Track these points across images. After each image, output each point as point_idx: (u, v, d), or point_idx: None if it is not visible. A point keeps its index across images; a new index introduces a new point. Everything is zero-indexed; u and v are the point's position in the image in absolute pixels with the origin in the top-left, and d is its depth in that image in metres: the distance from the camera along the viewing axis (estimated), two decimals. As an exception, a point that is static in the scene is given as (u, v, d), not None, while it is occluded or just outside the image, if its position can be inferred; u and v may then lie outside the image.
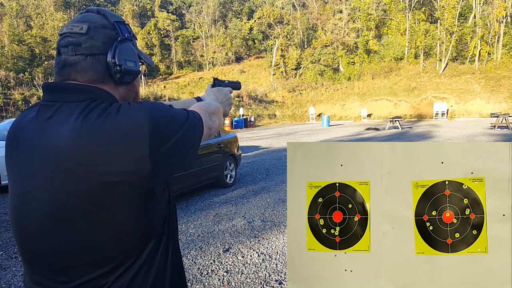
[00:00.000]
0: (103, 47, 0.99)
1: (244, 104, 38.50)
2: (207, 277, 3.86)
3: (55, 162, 0.91)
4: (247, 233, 5.19)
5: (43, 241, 0.97)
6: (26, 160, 0.97)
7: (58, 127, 0.93)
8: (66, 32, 0.99)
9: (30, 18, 49.83)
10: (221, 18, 65.73)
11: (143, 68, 49.90)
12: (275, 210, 6.23)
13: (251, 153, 14.05)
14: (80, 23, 0.99)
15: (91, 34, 0.98)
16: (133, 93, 1.11)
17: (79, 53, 0.97)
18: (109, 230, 0.94)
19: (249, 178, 9.07)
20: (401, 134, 20.93)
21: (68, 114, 0.93)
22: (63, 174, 0.91)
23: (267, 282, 3.72)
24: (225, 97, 1.48)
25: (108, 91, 1.01)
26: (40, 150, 0.94)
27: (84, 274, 0.96)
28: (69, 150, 0.90)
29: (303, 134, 22.28)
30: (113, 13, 1.07)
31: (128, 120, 0.93)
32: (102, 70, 0.99)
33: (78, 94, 0.97)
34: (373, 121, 35.81)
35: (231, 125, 29.67)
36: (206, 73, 55.75)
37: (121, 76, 1.01)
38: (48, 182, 0.93)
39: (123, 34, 1.03)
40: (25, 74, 28.34)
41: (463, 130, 20.92)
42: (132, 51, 1.05)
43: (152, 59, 1.23)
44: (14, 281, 3.85)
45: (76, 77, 0.98)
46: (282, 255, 4.36)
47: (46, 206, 0.94)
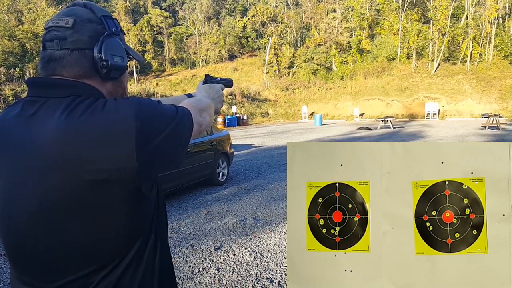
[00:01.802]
0: (89, 42, 0.96)
1: (237, 102, 38.48)
2: (198, 275, 3.85)
3: (40, 159, 0.89)
4: (239, 231, 5.18)
5: (29, 239, 0.94)
6: (11, 157, 0.94)
7: (43, 124, 0.90)
8: (52, 26, 0.96)
9: (21, 13, 49.28)
10: (215, 16, 65.57)
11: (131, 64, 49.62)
12: (267, 208, 6.22)
13: (243, 151, 14.03)
14: (66, 16, 0.96)
15: (77, 28, 0.95)
16: (120, 89, 1.09)
17: (65, 47, 0.94)
18: (96, 228, 0.92)
19: (241, 176, 9.06)
20: (393, 133, 21.04)
21: (52, 110, 0.91)
22: (49, 171, 0.88)
23: (258, 280, 3.71)
24: (217, 93, 1.45)
25: (94, 86, 0.99)
26: (25, 147, 0.91)
27: (69, 273, 0.94)
28: (54, 147, 0.87)
29: (295, 133, 22.30)
30: (100, 7, 1.04)
31: (114, 117, 0.90)
32: (88, 65, 0.96)
33: (63, 89, 0.94)
34: (365, 120, 35.97)
35: (224, 123, 29.62)
36: (199, 71, 55.59)
37: (107, 71, 0.98)
38: (35, 179, 0.90)
39: (110, 29, 1.00)
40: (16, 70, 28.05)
41: (454, 130, 21.09)
42: (119, 46, 1.02)
43: (141, 55, 1.19)
44: (3, 278, 3.81)
45: (62, 72, 0.95)
46: (274, 254, 4.36)
47: (33, 204, 0.91)
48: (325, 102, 42.83)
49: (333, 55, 48.51)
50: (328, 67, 49.14)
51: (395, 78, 43.04)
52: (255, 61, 55.50)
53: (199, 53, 58.63)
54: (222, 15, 66.26)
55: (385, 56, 46.48)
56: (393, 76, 43.46)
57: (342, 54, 49.18)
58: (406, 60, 45.39)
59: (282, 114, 41.16)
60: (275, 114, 40.87)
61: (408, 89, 40.76)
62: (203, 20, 63.13)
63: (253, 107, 40.38)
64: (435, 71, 42.15)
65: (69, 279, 0.94)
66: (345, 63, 48.99)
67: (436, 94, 38.47)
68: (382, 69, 44.96)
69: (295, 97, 44.70)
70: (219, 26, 62.60)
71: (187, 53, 59.91)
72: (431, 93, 38.96)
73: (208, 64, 57.47)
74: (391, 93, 40.95)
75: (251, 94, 42.33)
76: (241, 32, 61.31)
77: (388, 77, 43.60)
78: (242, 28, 61.06)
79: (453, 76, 40.35)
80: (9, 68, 29.51)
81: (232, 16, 64.97)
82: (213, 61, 57.54)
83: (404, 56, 45.64)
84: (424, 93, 39.23)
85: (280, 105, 43.22)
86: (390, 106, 39.47)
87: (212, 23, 62.96)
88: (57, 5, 50.37)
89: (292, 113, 41.40)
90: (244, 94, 41.14)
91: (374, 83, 43.38)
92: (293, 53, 52.05)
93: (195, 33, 60.89)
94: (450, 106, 36.85)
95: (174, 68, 57.94)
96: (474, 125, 24.67)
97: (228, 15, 65.56)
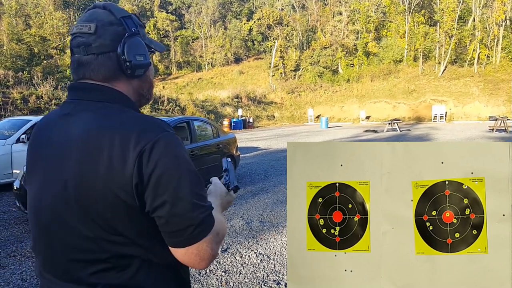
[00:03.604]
0: (112, 45, 1.03)
1: (243, 105, 38.49)
2: (206, 276, 3.86)
3: (67, 152, 0.98)
4: (246, 233, 5.19)
5: (50, 232, 1.01)
6: (44, 152, 1.04)
7: (75, 120, 1.00)
8: (76, 32, 1.03)
9: (29, 17, 49.74)
10: (221, 19, 65.76)
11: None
12: (273, 211, 6.22)
13: (249, 154, 14.04)
14: (88, 22, 1.03)
15: (99, 33, 1.02)
16: (147, 83, 1.15)
17: (91, 52, 1.02)
18: (106, 228, 0.96)
19: (247, 179, 9.07)
20: (400, 136, 20.95)
21: (82, 110, 1.01)
22: (75, 163, 0.96)
23: (265, 282, 3.72)
24: (228, 205, 1.31)
25: (120, 90, 1.06)
26: (57, 142, 1.01)
27: (79, 271, 0.98)
28: (83, 142, 0.96)
29: (301, 136, 22.28)
30: (120, 8, 1.09)
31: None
32: (114, 67, 1.04)
33: (91, 93, 1.04)
34: (372, 123, 35.83)
35: (230, 126, 29.65)
36: (205, 74, 55.76)
37: (132, 71, 1.05)
38: (69, 165, 0.97)
39: (130, 29, 1.06)
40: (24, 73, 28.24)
41: (461, 133, 20.95)
42: (141, 45, 1.07)
43: (163, 45, 1.25)
44: (13, 279, 3.84)
45: (91, 75, 1.04)
46: (280, 256, 4.36)
47: (57, 197, 0.98)
48: (331, 105, 42.72)
49: (339, 58, 48.41)
50: (334, 69, 49.03)
51: (401, 80, 42.84)
52: (261, 64, 55.52)
53: (205, 56, 58.81)
54: (228, 18, 66.45)
55: (392, 58, 46.29)
56: (399, 79, 43.25)
57: (348, 57, 49.05)
58: (412, 63, 45.18)
59: (288, 117, 41.12)
60: (281, 117, 40.83)
61: (415, 91, 40.54)
62: (209, 23, 63.34)
63: (259, 110, 40.38)
64: (442, 74, 41.90)
65: (78, 276, 0.98)
66: (351, 65, 48.85)
67: (443, 97, 38.22)
68: (388, 72, 44.77)
69: (301, 100, 44.63)
70: (225, 29, 62.77)
71: (193, 56, 60.11)
72: (438, 95, 38.71)
73: (214, 67, 57.61)
74: (397, 95, 40.76)
75: (257, 97, 42.33)
76: (247, 35, 61.43)
77: (395, 79, 43.40)
78: (248, 31, 61.16)
79: (460, 79, 40.07)
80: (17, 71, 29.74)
81: (238, 19, 65.13)
82: (219, 64, 57.67)
83: (410, 58, 45.43)
84: (431, 96, 39.00)
85: (286, 108, 43.18)
86: (397, 108, 39.28)
87: (218, 26, 63.15)
88: (64, 9, 50.75)
89: (298, 116, 41.34)
90: (250, 97, 41.15)
91: (381, 85, 43.20)
92: (299, 56, 52.02)
93: (201, 36, 61.10)
94: (457, 108, 36.59)
95: (180, 71, 58.18)
96: (482, 127, 24.48)
97: (234, 18, 65.74)
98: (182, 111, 30.88)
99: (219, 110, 35.69)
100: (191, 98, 35.15)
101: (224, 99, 38.58)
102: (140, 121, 0.99)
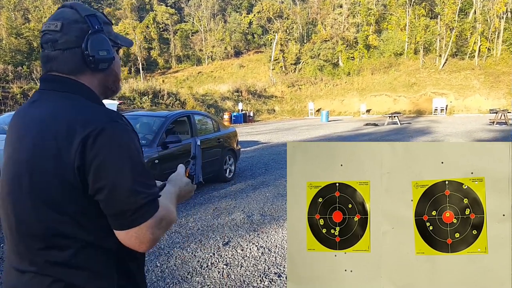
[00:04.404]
0: (76, 41, 1.12)
1: (243, 99, 38.40)
2: (207, 269, 3.90)
3: (26, 134, 1.07)
4: (246, 227, 5.21)
5: (7, 208, 1.09)
6: (10, 137, 1.14)
7: (39, 105, 1.11)
8: (45, 30, 1.14)
9: (28, 11, 49.55)
10: (220, 12, 65.43)
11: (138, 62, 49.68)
12: (274, 204, 6.24)
13: (250, 148, 14.04)
14: (55, 20, 1.13)
15: (65, 30, 1.11)
16: (112, 76, 1.24)
17: (57, 48, 1.12)
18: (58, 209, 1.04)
19: (248, 173, 9.08)
20: (400, 129, 20.92)
21: (47, 98, 1.12)
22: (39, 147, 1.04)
23: (266, 275, 3.75)
24: (188, 195, 1.36)
25: (84, 82, 1.15)
26: (20, 126, 1.12)
27: (28, 248, 1.06)
28: (39, 126, 1.05)
29: (302, 129, 22.26)
30: (86, 7, 1.19)
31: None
32: (79, 61, 1.13)
33: (56, 83, 1.13)
34: (372, 116, 35.75)
35: (230, 120, 29.61)
36: (205, 68, 55.58)
37: (95, 65, 1.14)
38: (28, 147, 1.06)
39: (94, 27, 1.14)
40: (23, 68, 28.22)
41: (462, 126, 20.93)
42: (104, 41, 1.15)
43: (131, 40, 1.34)
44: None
45: (57, 68, 1.13)
46: (281, 249, 4.39)
47: (14, 174, 1.07)
48: (332, 98, 42.62)
49: (339, 51, 48.20)
50: (334, 63, 48.84)
51: (402, 73, 42.69)
52: (261, 57, 55.27)
53: (205, 50, 58.55)
54: (228, 11, 66.10)
55: (392, 51, 46.10)
56: (400, 72, 43.10)
57: (349, 50, 48.83)
58: (413, 56, 45.00)
59: (288, 110, 41.04)
60: (282, 110, 40.76)
61: (416, 84, 40.42)
62: (209, 16, 63.02)
63: (259, 103, 40.29)
64: (442, 67, 41.75)
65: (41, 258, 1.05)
66: (351, 59, 48.66)
67: (444, 90, 38.10)
68: (389, 65, 44.60)
69: (302, 94, 44.52)
70: (224, 23, 62.47)
71: (193, 50, 59.86)
72: (439, 88, 38.59)
73: (214, 61, 57.42)
74: (398, 89, 40.64)
75: (257, 91, 42.21)
76: (247, 29, 61.14)
77: (395, 72, 43.25)
78: (248, 25, 60.88)
79: (461, 72, 39.93)
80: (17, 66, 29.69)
81: (238, 12, 64.79)
82: (219, 58, 57.46)
83: (411, 51, 45.24)
84: (431, 89, 38.87)
85: (287, 101, 43.09)
86: (397, 102, 39.18)
87: (218, 19, 62.84)
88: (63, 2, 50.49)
89: (298, 110, 41.25)
90: (250, 91, 41.03)
91: (381, 79, 43.07)
92: (299, 49, 51.77)
93: (200, 30, 60.82)
94: (458, 101, 36.50)
95: (180, 65, 57.95)
96: (482, 120, 24.43)
97: (234, 12, 65.40)
98: (182, 105, 30.82)
99: (219, 104, 35.61)
100: (191, 92, 35.03)
101: (224, 93, 38.47)
102: (90, 109, 1.08)
